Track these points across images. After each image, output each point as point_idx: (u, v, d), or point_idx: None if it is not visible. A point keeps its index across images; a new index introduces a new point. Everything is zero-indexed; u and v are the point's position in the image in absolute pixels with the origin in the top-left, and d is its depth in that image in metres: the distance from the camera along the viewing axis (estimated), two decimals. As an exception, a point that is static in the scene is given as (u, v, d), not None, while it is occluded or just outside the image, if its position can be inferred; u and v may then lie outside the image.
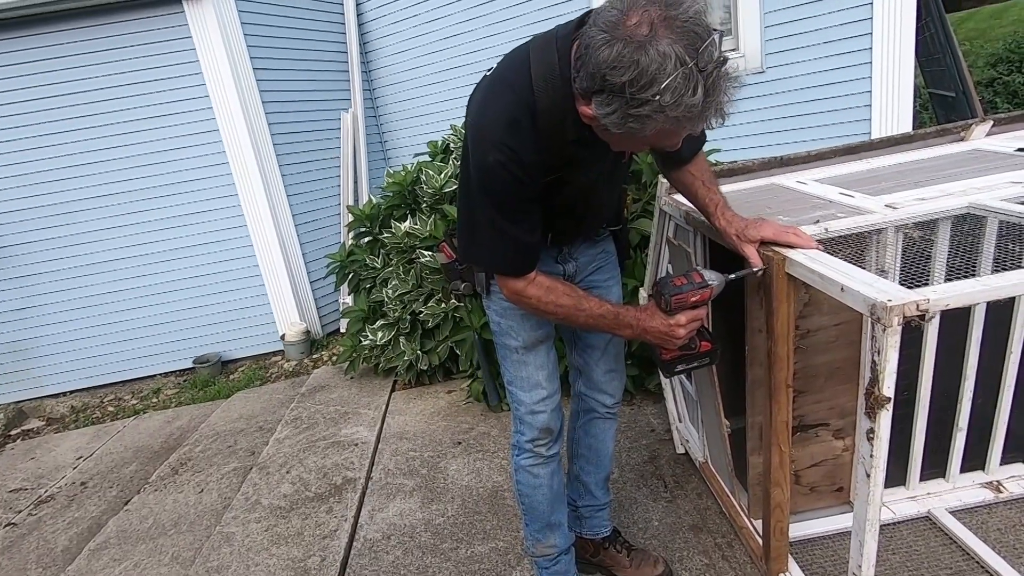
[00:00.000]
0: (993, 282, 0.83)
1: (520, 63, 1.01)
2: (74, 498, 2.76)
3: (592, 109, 0.88)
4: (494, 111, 1.02)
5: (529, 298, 1.15)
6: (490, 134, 1.01)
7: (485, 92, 1.06)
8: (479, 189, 1.07)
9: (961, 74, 4.50)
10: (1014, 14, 12.17)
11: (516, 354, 1.34)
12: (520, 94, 0.98)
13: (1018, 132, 1.67)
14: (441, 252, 1.44)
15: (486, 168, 1.02)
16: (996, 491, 1.54)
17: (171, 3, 3.60)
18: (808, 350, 1.36)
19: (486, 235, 1.12)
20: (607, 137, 0.96)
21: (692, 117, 0.83)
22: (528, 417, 1.37)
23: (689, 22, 0.78)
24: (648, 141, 0.94)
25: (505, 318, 1.32)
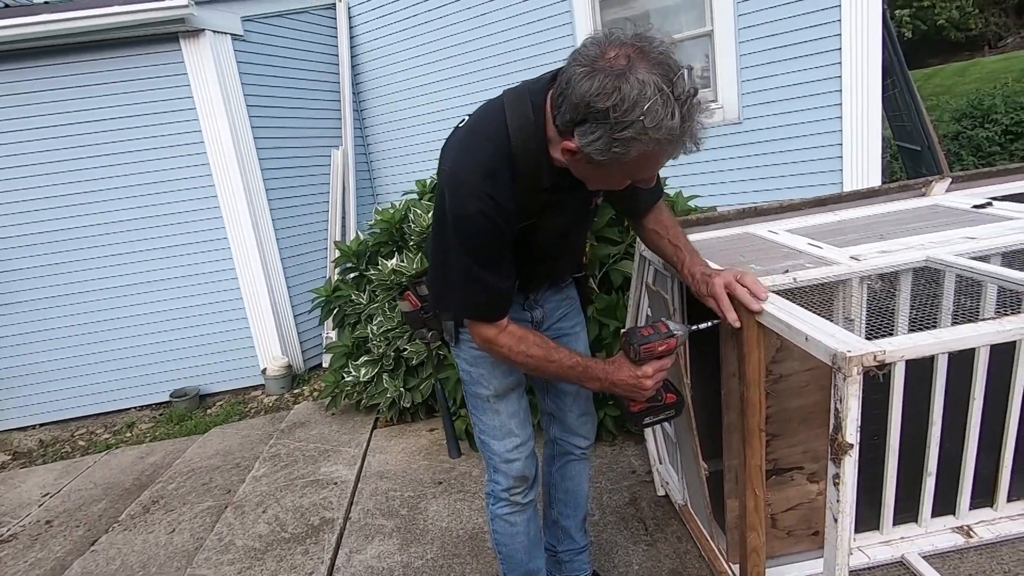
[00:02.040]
0: (945, 335, 0.88)
1: (495, 114, 1.04)
2: (38, 537, 2.66)
3: (575, 142, 0.91)
4: (473, 161, 1.03)
5: (500, 347, 1.15)
6: (470, 184, 1.02)
7: (462, 142, 1.07)
8: (456, 236, 1.07)
9: (926, 129, 4.74)
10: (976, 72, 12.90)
11: (488, 403, 1.33)
12: (497, 144, 1.02)
13: (975, 189, 1.77)
14: (405, 300, 1.43)
15: (465, 217, 1.03)
16: (967, 536, 1.57)
17: (169, 41, 3.69)
18: (781, 394, 1.40)
19: (459, 282, 1.12)
20: (586, 174, 1.01)
21: (672, 140, 0.88)
22: (503, 466, 1.35)
23: (662, 55, 0.85)
24: (628, 171, 0.97)
25: (476, 367, 1.31)
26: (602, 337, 2.36)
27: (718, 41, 3.67)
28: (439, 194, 1.12)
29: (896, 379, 1.42)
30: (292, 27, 4.40)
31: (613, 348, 2.32)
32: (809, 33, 3.44)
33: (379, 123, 5.04)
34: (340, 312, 3.19)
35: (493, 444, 1.35)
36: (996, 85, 7.87)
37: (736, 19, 3.59)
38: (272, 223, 4.08)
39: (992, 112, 6.88)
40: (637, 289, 1.79)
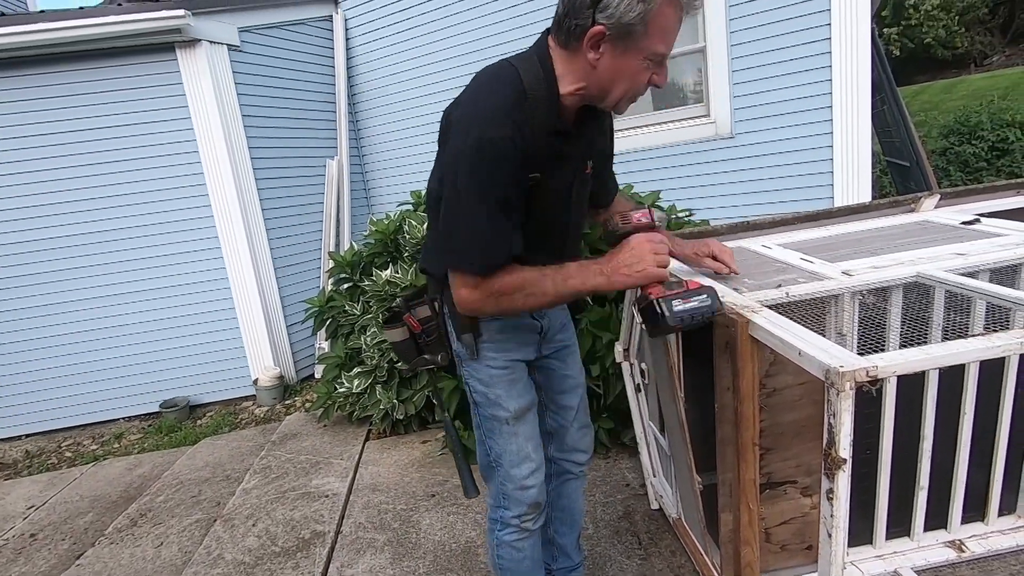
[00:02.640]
0: (936, 351, 0.89)
1: (504, 67, 1.09)
2: (22, 551, 2.61)
3: (602, 21, 0.98)
4: (491, 99, 1.05)
5: (500, 288, 1.09)
6: (490, 114, 1.02)
7: (477, 91, 1.08)
8: (471, 170, 1.02)
9: (914, 145, 4.82)
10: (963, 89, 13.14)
11: (507, 426, 1.28)
12: (514, 86, 1.05)
13: (963, 205, 1.80)
14: (399, 327, 1.34)
15: (485, 141, 1.00)
16: (959, 550, 1.57)
17: (165, 51, 3.69)
18: (775, 408, 1.41)
19: (469, 223, 1.06)
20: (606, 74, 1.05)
21: None
22: (517, 493, 1.31)
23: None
24: (649, 47, 1.01)
25: (491, 387, 1.27)
26: (595, 349, 2.36)
27: (711, 57, 3.73)
28: (449, 143, 1.07)
29: (888, 394, 1.43)
30: (289, 38, 4.43)
31: (607, 360, 2.32)
32: (800, 51, 3.50)
33: (374, 134, 5.05)
34: (333, 323, 3.18)
35: (510, 471, 1.30)
36: (982, 102, 8.02)
37: (728, 36, 3.65)
38: (266, 232, 4.07)
39: (979, 129, 7.00)
40: (632, 302, 1.80)
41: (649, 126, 4.04)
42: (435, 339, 1.31)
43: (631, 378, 1.99)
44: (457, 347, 1.29)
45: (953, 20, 17.98)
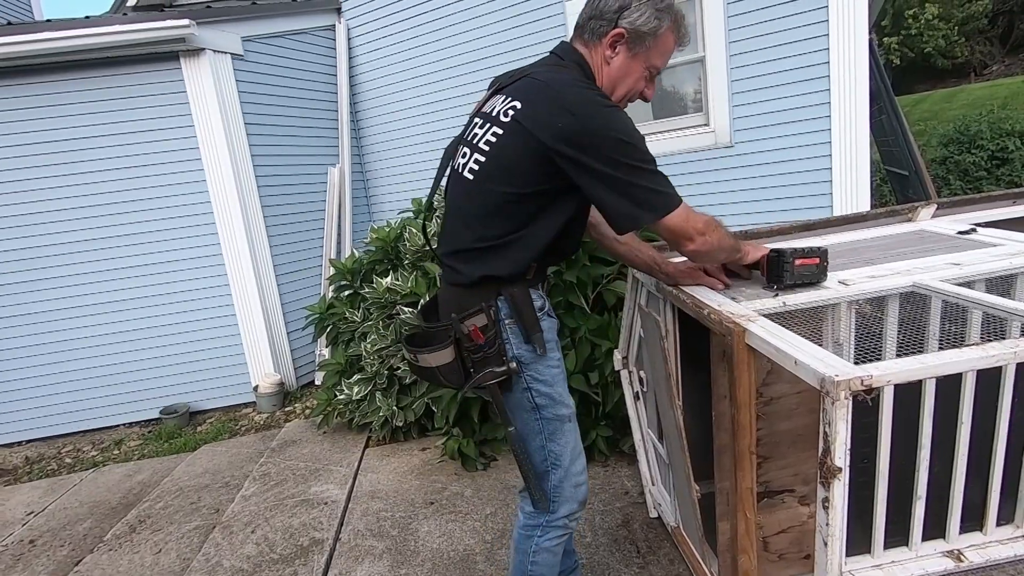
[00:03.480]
0: (931, 360, 0.90)
1: (570, 71, 1.24)
2: (20, 557, 2.61)
3: (622, 27, 1.20)
4: (593, 88, 1.20)
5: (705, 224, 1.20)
6: (603, 98, 1.16)
7: (573, 86, 1.17)
8: (618, 137, 1.11)
9: (913, 154, 4.84)
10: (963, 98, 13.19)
11: (569, 423, 1.32)
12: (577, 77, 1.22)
13: (959, 215, 1.81)
14: (449, 344, 1.25)
15: (621, 119, 1.13)
16: (957, 560, 1.57)
17: (169, 60, 3.73)
18: (772, 417, 1.41)
19: (648, 177, 1.14)
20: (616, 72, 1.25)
21: (682, 18, 1.25)
22: (573, 491, 1.34)
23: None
24: (651, 57, 1.24)
25: (555, 385, 1.29)
26: (594, 357, 2.37)
27: (710, 67, 3.75)
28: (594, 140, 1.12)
29: (885, 403, 1.43)
30: (292, 47, 4.47)
31: (605, 368, 2.33)
32: (799, 60, 3.52)
33: (376, 142, 5.08)
34: (334, 330, 3.19)
35: (570, 468, 1.32)
36: (982, 111, 8.04)
37: (727, 46, 3.67)
38: (267, 240, 4.09)
39: (978, 138, 7.02)
40: (630, 310, 1.81)
41: (649, 135, 4.06)
42: (496, 349, 1.24)
43: (630, 386, 2.00)
44: (519, 352, 1.25)
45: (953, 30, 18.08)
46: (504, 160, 1.19)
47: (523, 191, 1.18)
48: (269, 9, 4.32)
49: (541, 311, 1.29)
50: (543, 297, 1.32)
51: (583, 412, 2.44)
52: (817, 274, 1.28)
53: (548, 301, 1.35)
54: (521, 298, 1.24)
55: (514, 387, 1.27)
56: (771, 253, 1.30)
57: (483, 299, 1.23)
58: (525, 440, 1.33)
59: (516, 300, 1.24)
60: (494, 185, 1.20)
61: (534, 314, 1.25)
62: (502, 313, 1.24)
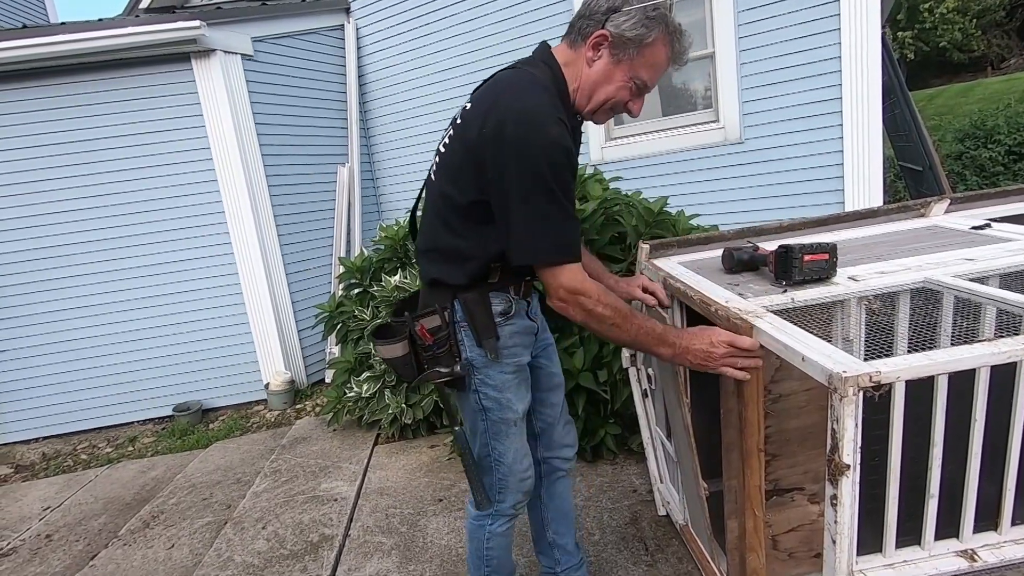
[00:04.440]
0: (940, 356, 0.89)
1: (522, 72, 1.17)
2: (37, 551, 2.65)
3: (608, 29, 1.13)
4: (536, 96, 1.10)
5: (589, 295, 1.12)
6: (544, 112, 1.08)
7: (512, 92, 1.11)
8: (541, 169, 1.06)
9: (927, 150, 4.77)
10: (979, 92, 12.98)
11: (514, 427, 1.33)
12: (545, 85, 1.15)
13: (974, 210, 1.78)
14: (404, 339, 1.27)
15: (551, 142, 1.06)
16: (971, 560, 1.55)
17: (180, 60, 3.76)
18: (781, 414, 1.40)
19: (550, 221, 1.09)
20: (596, 78, 1.17)
21: (679, 37, 1.15)
22: (518, 484, 1.38)
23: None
24: (636, 69, 1.15)
25: (504, 392, 1.30)
26: (602, 355, 2.36)
27: (720, 63, 3.73)
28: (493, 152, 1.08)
29: (896, 400, 1.41)
30: (301, 47, 4.49)
31: (614, 365, 2.32)
32: (810, 55, 3.48)
33: (385, 141, 5.10)
34: (343, 328, 3.21)
35: (514, 466, 1.36)
36: (999, 106, 7.91)
37: (737, 41, 3.64)
38: (278, 238, 4.12)
39: (995, 132, 6.91)
40: (639, 309, 1.80)
41: (658, 131, 4.04)
42: (445, 350, 1.26)
43: (638, 383, 1.99)
44: (471, 355, 1.27)
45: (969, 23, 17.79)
46: (449, 164, 1.20)
47: (462, 201, 1.16)
48: (279, 9, 4.35)
49: (504, 315, 1.26)
50: (511, 301, 1.27)
51: (592, 410, 2.43)
52: (826, 270, 1.27)
53: (522, 303, 1.30)
54: (474, 303, 1.23)
55: (466, 387, 1.29)
56: (780, 249, 1.30)
57: (439, 301, 1.25)
58: (471, 437, 1.38)
59: (468, 305, 1.23)
60: (444, 189, 1.21)
61: (489, 320, 1.24)
62: (457, 316, 1.25)
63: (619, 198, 2.62)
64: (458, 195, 1.17)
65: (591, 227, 2.44)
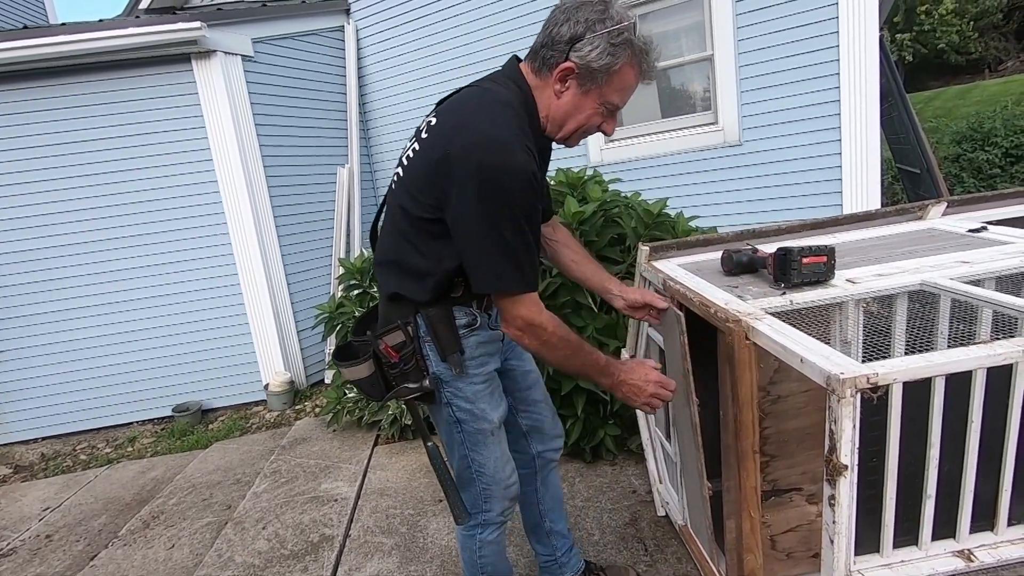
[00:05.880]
0: (937, 359, 0.90)
1: (489, 93, 1.14)
2: (37, 552, 2.66)
3: (572, 61, 1.09)
4: (501, 120, 1.07)
5: (544, 325, 1.13)
6: (510, 138, 1.05)
7: (476, 115, 1.09)
8: (502, 200, 1.04)
9: (925, 152, 4.79)
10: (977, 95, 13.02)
11: (491, 436, 1.32)
12: (511, 108, 1.11)
13: (971, 213, 1.79)
14: (369, 359, 1.24)
15: (516, 168, 1.03)
16: (968, 560, 1.56)
17: (181, 61, 3.77)
18: (779, 415, 1.41)
19: (510, 250, 1.08)
20: (565, 108, 1.15)
21: (647, 52, 1.12)
22: (502, 492, 1.38)
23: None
24: (606, 94, 1.13)
25: (476, 402, 1.28)
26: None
27: (718, 65, 3.74)
28: (465, 173, 1.05)
29: (894, 401, 1.43)
30: (301, 48, 4.50)
31: (614, 367, 2.32)
32: (808, 58, 3.50)
33: (384, 141, 5.11)
34: (343, 328, 3.21)
35: (496, 475, 1.35)
36: (996, 108, 7.94)
37: (736, 44, 3.66)
38: (278, 239, 4.13)
39: (992, 135, 6.94)
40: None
41: (657, 133, 4.05)
42: (412, 365, 1.23)
43: (637, 385, 2.00)
44: (438, 369, 1.25)
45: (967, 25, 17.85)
46: (411, 178, 1.17)
47: (420, 216, 1.14)
48: (279, 11, 4.36)
49: (470, 327, 1.25)
50: (475, 313, 1.26)
51: (591, 411, 2.44)
52: (824, 272, 1.28)
53: (485, 316, 1.29)
54: (437, 318, 1.21)
55: (437, 401, 1.28)
56: (778, 251, 1.31)
57: (400, 316, 1.22)
58: (448, 450, 1.36)
59: (431, 320, 1.21)
60: (403, 201, 1.18)
61: (452, 334, 1.22)
62: (420, 330, 1.23)
63: (618, 200, 2.63)
64: (417, 210, 1.15)
65: (590, 229, 2.45)
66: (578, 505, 2.24)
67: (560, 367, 1.22)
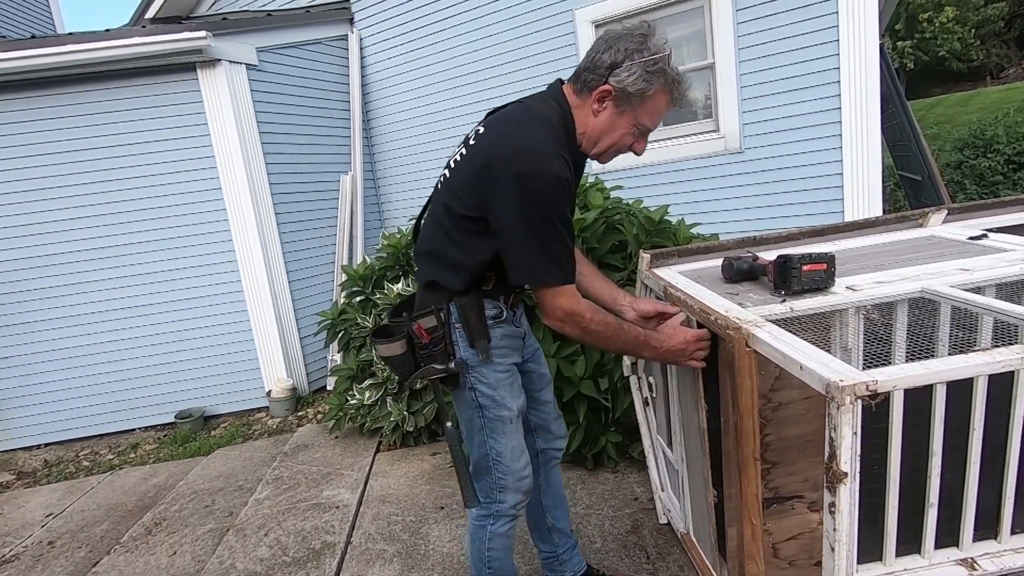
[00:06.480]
0: (936, 366, 0.90)
1: (532, 109, 1.26)
2: (40, 558, 2.66)
3: (610, 84, 1.21)
4: (540, 134, 1.20)
5: (583, 314, 1.24)
6: (547, 148, 1.18)
7: (519, 130, 1.21)
8: (543, 200, 1.16)
9: (926, 160, 4.79)
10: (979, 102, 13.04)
11: (510, 424, 1.39)
12: (549, 124, 1.23)
13: (971, 220, 1.80)
14: (402, 338, 1.35)
15: (552, 176, 1.16)
16: (971, 568, 1.55)
17: (186, 70, 3.81)
18: (781, 422, 1.41)
19: (548, 247, 1.20)
20: (601, 127, 1.27)
21: (679, 84, 1.25)
22: (517, 483, 1.42)
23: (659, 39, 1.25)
24: (640, 116, 1.26)
25: (498, 389, 1.37)
26: (603, 363, 2.38)
27: (719, 73, 3.76)
28: (506, 179, 1.17)
29: (895, 409, 1.42)
30: (305, 57, 4.54)
31: (615, 373, 2.33)
32: (809, 66, 3.52)
33: (388, 149, 5.14)
34: (346, 335, 3.22)
35: (511, 465, 1.41)
36: (998, 115, 7.95)
37: (737, 52, 3.68)
38: (281, 246, 4.15)
39: (994, 142, 6.94)
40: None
41: (659, 141, 4.07)
42: (441, 349, 1.34)
43: (639, 391, 2.00)
44: (465, 354, 1.35)
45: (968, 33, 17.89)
46: (456, 180, 1.29)
47: (462, 213, 1.26)
48: (283, 20, 4.40)
49: (496, 319, 1.36)
50: (502, 307, 1.37)
51: (593, 418, 2.44)
52: (824, 279, 1.29)
53: (511, 311, 1.40)
54: (469, 307, 1.32)
55: (461, 385, 1.37)
56: (778, 259, 1.32)
57: (435, 303, 1.34)
58: (468, 436, 1.44)
59: (463, 308, 1.32)
60: (447, 200, 1.30)
61: (481, 323, 1.32)
62: (452, 317, 1.34)
63: (620, 207, 2.64)
64: (460, 208, 1.26)
65: (592, 236, 2.46)
66: (580, 512, 2.23)
67: (604, 348, 1.34)
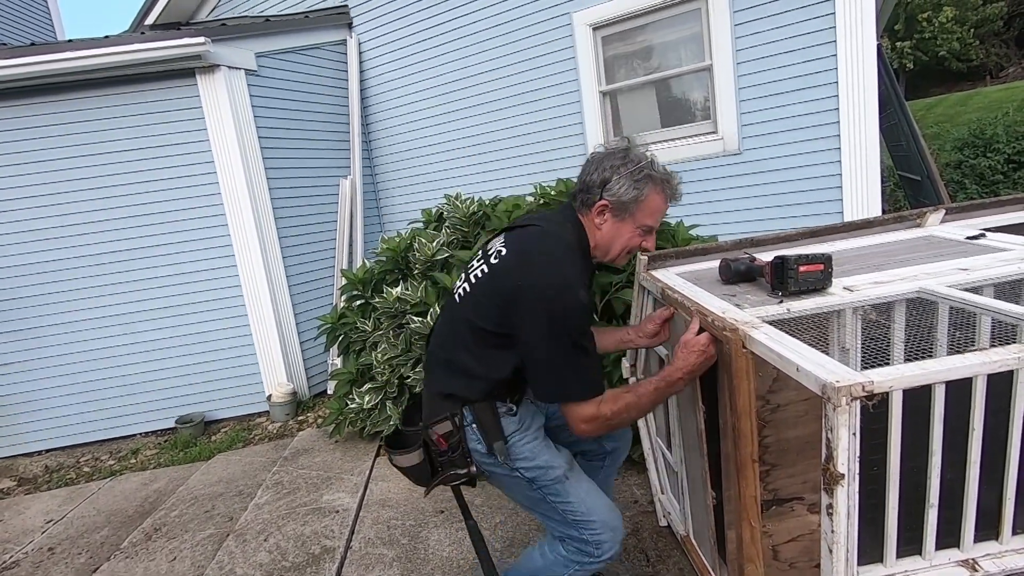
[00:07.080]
0: (933, 366, 0.90)
1: (551, 235, 1.34)
2: (40, 565, 2.66)
3: (606, 198, 1.33)
4: (566, 263, 1.28)
5: (603, 414, 1.27)
6: (574, 279, 1.26)
7: (548, 253, 1.29)
8: (569, 331, 1.23)
9: (925, 160, 4.79)
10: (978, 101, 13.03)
11: (567, 479, 1.40)
12: (570, 249, 1.33)
13: (969, 220, 1.80)
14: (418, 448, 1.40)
15: (580, 306, 1.25)
16: (972, 569, 1.54)
17: (185, 76, 3.82)
18: (779, 424, 1.41)
19: (580, 367, 1.26)
20: (607, 235, 1.38)
21: (669, 181, 1.36)
22: (609, 534, 1.40)
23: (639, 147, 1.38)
24: (640, 219, 1.36)
25: (538, 456, 1.39)
26: (603, 365, 2.37)
27: (717, 75, 3.76)
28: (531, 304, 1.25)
29: (893, 409, 1.42)
30: (304, 62, 4.55)
31: (614, 375, 2.33)
32: (806, 67, 3.52)
33: (387, 154, 5.15)
34: (345, 339, 3.22)
35: (593, 514, 1.39)
36: (997, 114, 7.94)
37: (735, 54, 3.68)
38: (280, 251, 4.15)
39: (994, 141, 6.93)
40: (637, 318, 1.82)
41: (657, 143, 4.07)
42: (459, 453, 1.38)
43: (638, 394, 1.99)
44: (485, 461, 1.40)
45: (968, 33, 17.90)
46: (479, 295, 1.34)
47: (483, 327, 1.31)
48: (282, 25, 4.41)
49: (510, 411, 1.39)
50: (512, 406, 1.40)
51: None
52: (822, 280, 1.29)
53: (515, 404, 1.42)
54: (481, 409, 1.36)
55: (499, 471, 1.40)
56: (775, 260, 1.31)
57: (450, 409, 1.37)
58: (535, 512, 1.46)
59: (477, 412, 1.36)
60: (469, 315, 1.35)
61: (495, 423, 1.36)
62: (467, 420, 1.37)
63: (618, 209, 2.63)
64: (482, 323, 1.32)
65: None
66: (580, 515, 2.22)
67: (638, 417, 1.38)
